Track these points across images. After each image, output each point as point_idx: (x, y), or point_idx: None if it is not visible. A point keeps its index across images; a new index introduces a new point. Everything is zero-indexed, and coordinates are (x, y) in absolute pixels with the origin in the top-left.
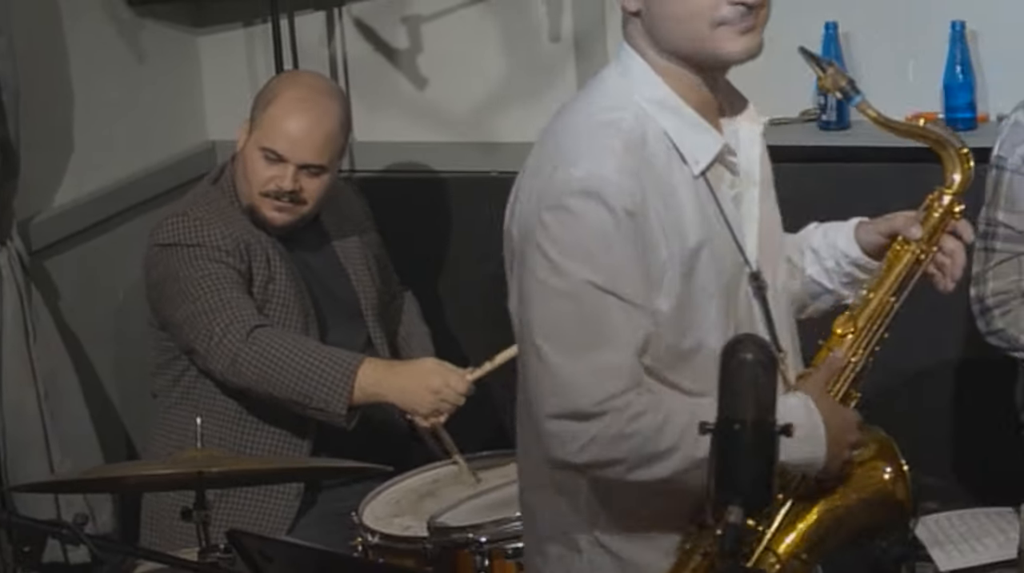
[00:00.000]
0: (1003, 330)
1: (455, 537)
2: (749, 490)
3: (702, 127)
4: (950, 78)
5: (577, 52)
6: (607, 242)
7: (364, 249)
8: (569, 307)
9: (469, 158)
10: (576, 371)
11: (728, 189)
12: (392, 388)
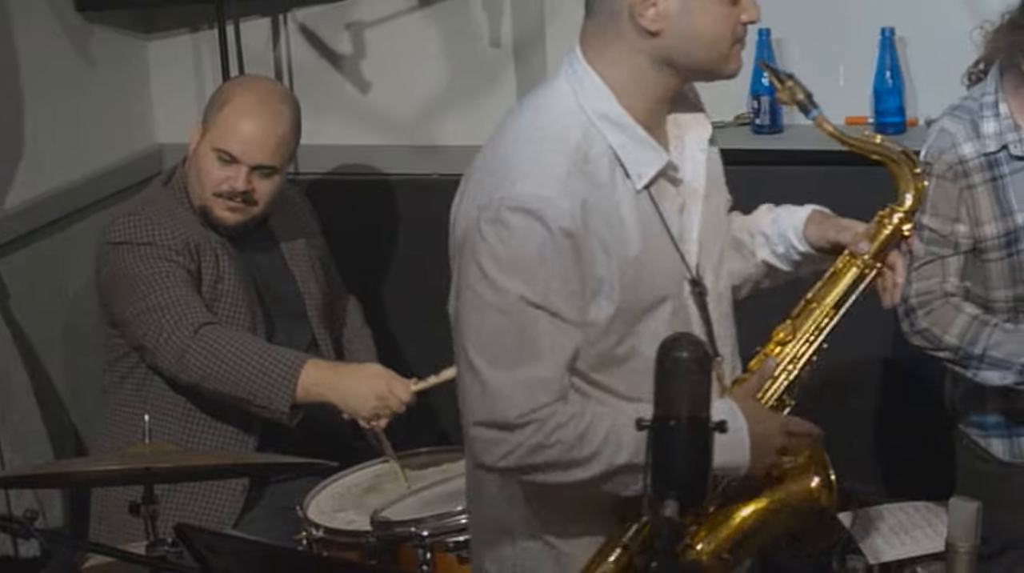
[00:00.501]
0: (927, 329)
1: (397, 531)
2: (685, 485)
3: (647, 143)
4: (880, 83)
5: (517, 57)
6: (542, 260)
7: (310, 252)
8: (501, 321)
9: (411, 161)
10: (504, 383)
11: (673, 200)
12: (335, 389)
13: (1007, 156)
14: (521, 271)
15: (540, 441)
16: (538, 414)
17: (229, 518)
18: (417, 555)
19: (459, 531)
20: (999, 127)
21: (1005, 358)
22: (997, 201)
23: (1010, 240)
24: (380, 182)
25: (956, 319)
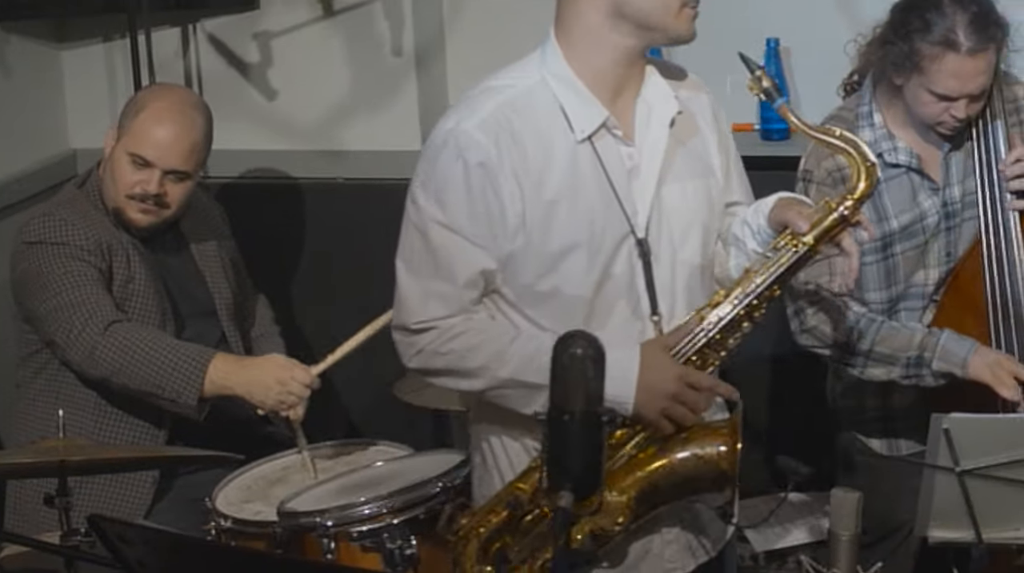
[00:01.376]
0: (816, 327)
1: (303, 521)
2: (579, 476)
3: (591, 101)
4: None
5: (418, 66)
6: (455, 186)
7: (220, 253)
8: (417, 236)
9: (317, 165)
10: (413, 291)
11: (621, 159)
12: (240, 381)
13: (882, 164)
14: (437, 194)
15: (435, 348)
16: (434, 324)
17: (140, 509)
18: (322, 544)
19: (362, 521)
20: (874, 136)
21: (891, 353)
22: (873, 207)
23: (885, 244)
24: (287, 186)
25: (844, 317)
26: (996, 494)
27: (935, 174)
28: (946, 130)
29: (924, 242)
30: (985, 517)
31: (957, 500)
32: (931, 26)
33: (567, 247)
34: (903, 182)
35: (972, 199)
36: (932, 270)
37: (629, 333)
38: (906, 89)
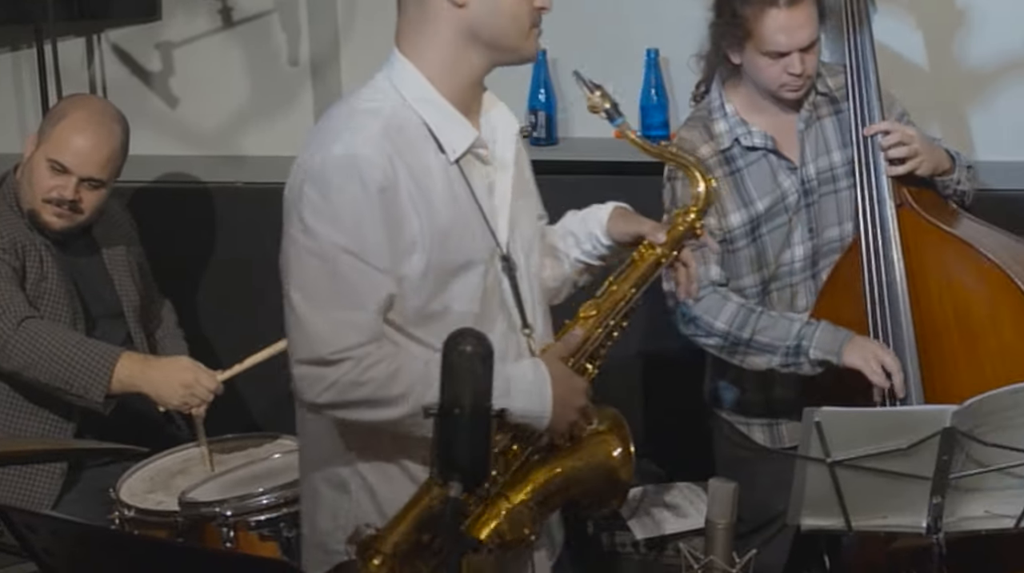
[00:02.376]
0: (698, 317)
1: (203, 511)
2: (468, 468)
3: (459, 120)
4: (646, 100)
5: (314, 75)
6: (358, 212)
7: (129, 258)
8: (319, 266)
9: (217, 170)
10: (320, 322)
11: (483, 178)
12: (146, 380)
13: (741, 150)
14: (337, 221)
15: (354, 378)
16: (351, 353)
17: (48, 499)
18: (221, 533)
19: (260, 511)
20: (729, 125)
21: (771, 342)
22: (738, 192)
23: (753, 226)
24: (188, 190)
25: (724, 307)
26: (865, 484)
27: (791, 154)
28: (790, 92)
29: (788, 221)
30: (854, 506)
31: (828, 490)
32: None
33: (457, 267)
34: (762, 165)
35: (828, 176)
36: (798, 247)
37: (509, 347)
38: (745, 64)
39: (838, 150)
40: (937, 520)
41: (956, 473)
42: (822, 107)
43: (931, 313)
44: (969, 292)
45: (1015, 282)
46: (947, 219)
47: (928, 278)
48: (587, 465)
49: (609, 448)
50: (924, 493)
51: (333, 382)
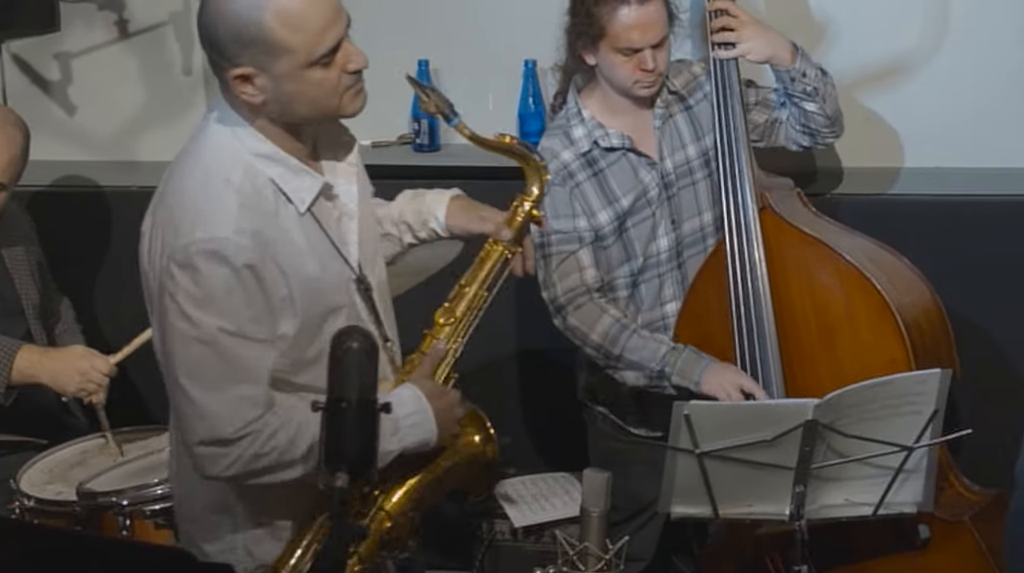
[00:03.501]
0: (576, 327)
1: (101, 501)
2: (354, 459)
3: (303, 171)
4: (524, 108)
5: (206, 84)
6: (230, 293)
7: (28, 257)
8: (204, 350)
9: (113, 175)
10: (215, 404)
11: (332, 214)
12: (44, 370)
13: (601, 151)
14: (214, 306)
15: (256, 451)
16: (251, 427)
17: None
18: (118, 522)
19: (155, 500)
20: (587, 129)
21: (639, 362)
22: (602, 192)
23: (620, 222)
24: (86, 193)
25: (600, 320)
26: (731, 473)
27: (650, 150)
28: (643, 88)
29: (652, 214)
30: (721, 494)
31: (697, 479)
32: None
33: (327, 312)
34: (623, 164)
35: (684, 169)
36: (662, 239)
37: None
38: (599, 63)
39: (692, 144)
40: (799, 508)
41: (817, 463)
42: (673, 105)
43: (792, 311)
44: (828, 291)
45: (871, 282)
46: (807, 222)
47: (789, 278)
48: (457, 460)
49: (472, 438)
50: (787, 482)
51: (237, 457)
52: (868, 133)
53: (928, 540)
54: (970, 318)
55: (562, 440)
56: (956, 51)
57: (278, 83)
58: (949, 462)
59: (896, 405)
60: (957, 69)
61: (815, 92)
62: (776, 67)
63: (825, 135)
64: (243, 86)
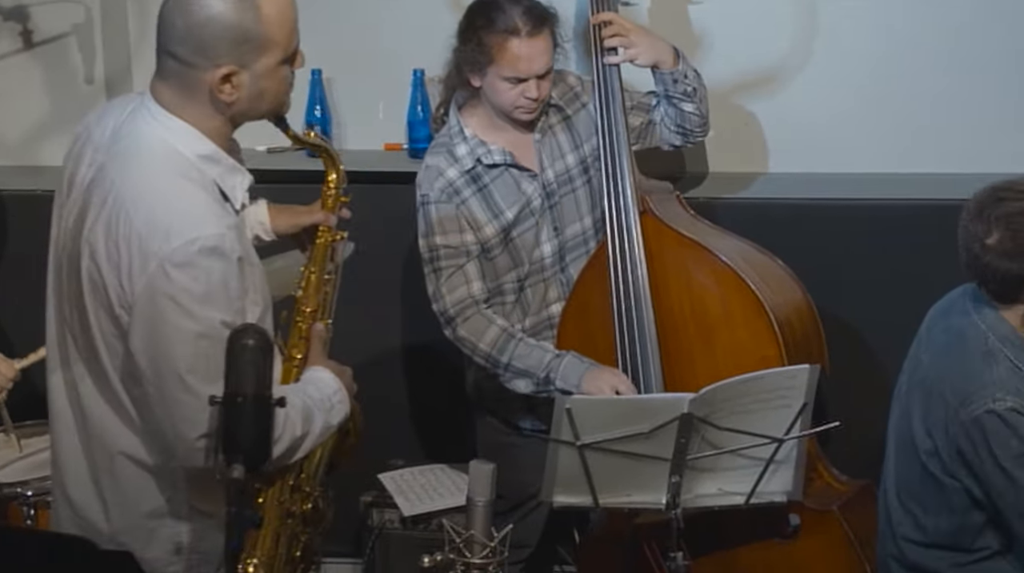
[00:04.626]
0: (465, 338)
1: (5, 492)
2: (250, 451)
3: (237, 169)
4: (412, 115)
5: (108, 92)
6: (227, 287)
7: None
8: (207, 344)
9: (17, 179)
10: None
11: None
12: None
13: (484, 168)
14: (215, 300)
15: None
16: None
17: None
18: (23, 512)
19: None
20: (469, 147)
21: (526, 369)
22: (488, 206)
23: (506, 233)
24: None
25: (488, 330)
26: (611, 464)
27: (531, 164)
28: (525, 114)
29: (535, 223)
30: (601, 484)
31: (578, 470)
32: (494, 20)
33: (266, 307)
34: (506, 178)
35: (565, 178)
36: (546, 245)
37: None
38: (484, 87)
39: (571, 153)
40: (675, 497)
41: (692, 455)
42: (552, 116)
43: (671, 310)
44: (705, 291)
45: (746, 283)
46: (685, 224)
47: (668, 278)
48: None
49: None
50: (663, 473)
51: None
52: (742, 138)
53: (798, 528)
54: (839, 316)
55: (450, 433)
56: (823, 60)
57: (256, 80)
58: (818, 454)
59: (767, 399)
60: (824, 78)
61: (694, 93)
62: (660, 70)
63: (697, 134)
64: (222, 85)
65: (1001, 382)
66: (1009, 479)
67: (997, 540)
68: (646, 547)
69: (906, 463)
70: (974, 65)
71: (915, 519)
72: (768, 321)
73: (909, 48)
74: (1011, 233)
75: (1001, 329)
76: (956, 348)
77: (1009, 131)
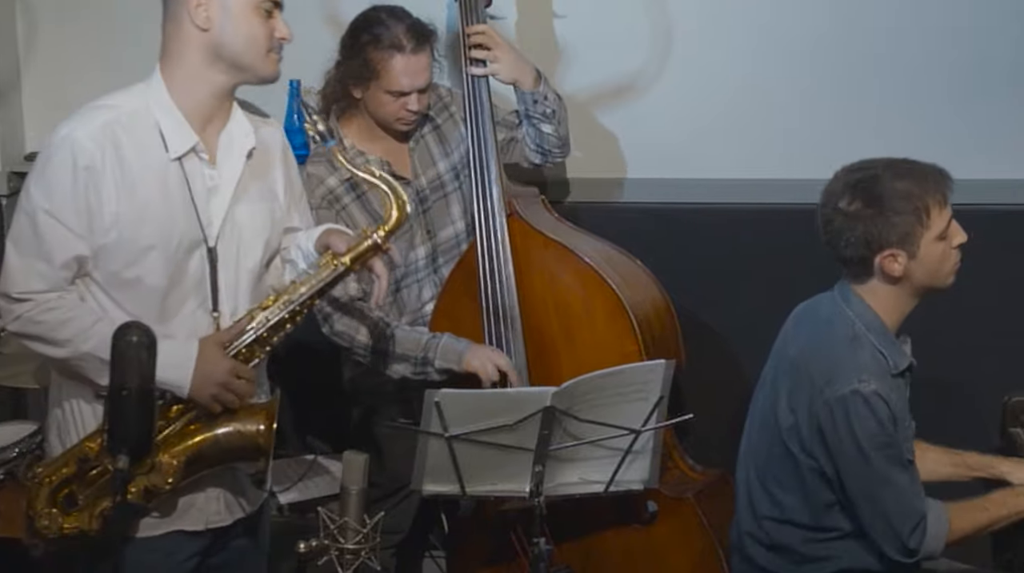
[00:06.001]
0: (343, 332)
1: None
2: (134, 442)
3: (185, 127)
4: (289, 124)
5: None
6: (63, 182)
7: None
8: (26, 220)
9: None
10: (17, 266)
11: (204, 180)
12: None
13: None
14: (47, 187)
15: (32, 317)
16: (34, 296)
17: None
18: None
19: None
20: (348, 156)
21: (404, 353)
22: (367, 212)
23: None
24: None
25: (364, 322)
26: (477, 455)
27: (405, 171)
28: (404, 126)
29: (410, 227)
30: (468, 474)
31: (446, 460)
32: (379, 37)
33: (149, 246)
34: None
35: (436, 184)
36: (420, 248)
37: (195, 325)
38: (366, 99)
39: (442, 161)
40: (539, 485)
41: (555, 445)
42: (424, 126)
43: (536, 307)
44: (568, 290)
45: (608, 282)
46: (550, 227)
47: (534, 277)
48: (235, 432)
49: (257, 420)
50: (527, 463)
51: (18, 316)
52: (603, 146)
53: (656, 514)
54: (696, 314)
55: (327, 425)
56: (678, 73)
57: (227, 12)
58: (675, 444)
59: (626, 392)
60: (679, 89)
61: (553, 115)
62: (520, 89)
63: (555, 155)
64: (197, 9)
65: (866, 366)
66: (864, 458)
67: (848, 522)
68: (512, 533)
69: (767, 443)
70: (820, 78)
71: (772, 497)
72: (628, 319)
73: (759, 62)
74: (861, 195)
75: (867, 317)
76: (824, 334)
77: (856, 137)
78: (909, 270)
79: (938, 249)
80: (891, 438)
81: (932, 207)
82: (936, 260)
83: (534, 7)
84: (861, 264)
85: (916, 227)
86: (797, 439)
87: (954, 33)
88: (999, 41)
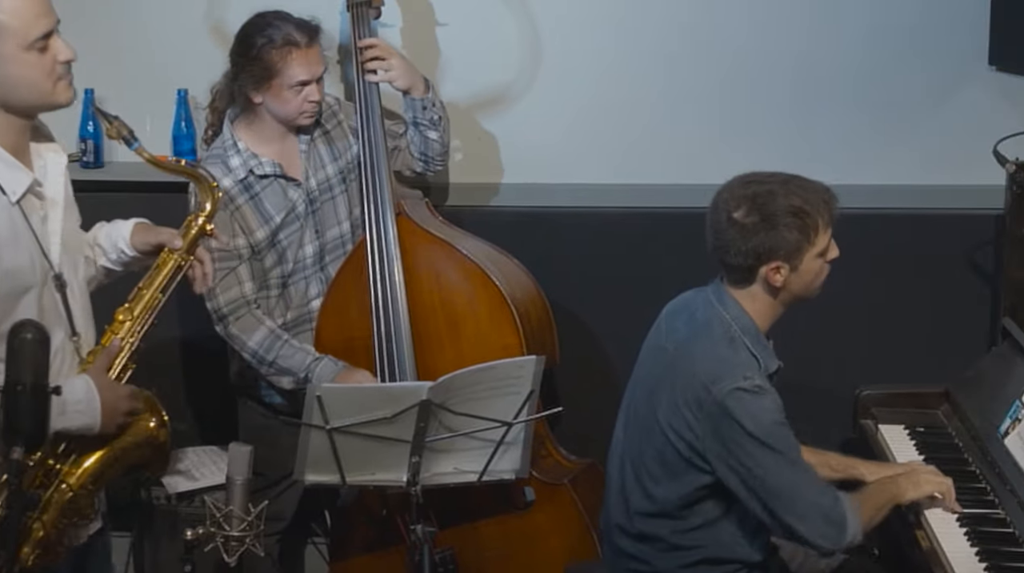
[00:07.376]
0: (236, 335)
1: None
2: (28, 434)
3: (16, 166)
4: (177, 130)
5: None
6: None
7: None
8: None
9: None
10: None
11: (38, 212)
12: None
13: (255, 178)
14: None
15: None
16: None
17: None
18: None
19: None
20: (242, 159)
21: (289, 368)
22: (259, 212)
23: (274, 236)
24: None
25: (257, 330)
26: (357, 446)
27: (296, 174)
28: (308, 118)
29: (300, 226)
30: (349, 464)
31: (327, 451)
32: (273, 38)
33: (20, 293)
34: (275, 187)
35: (326, 186)
36: (308, 246)
37: (65, 354)
38: (267, 101)
39: (331, 164)
40: (415, 475)
41: (431, 437)
42: (315, 131)
43: (422, 303)
44: (453, 285)
45: (491, 278)
46: (436, 227)
47: (420, 274)
48: (133, 441)
49: (148, 423)
50: (405, 453)
51: None
52: (479, 152)
53: (533, 501)
54: (568, 312)
55: (215, 417)
56: (547, 83)
57: (3, 63)
58: (548, 435)
59: (498, 387)
60: (548, 98)
61: (439, 122)
62: (411, 95)
63: (437, 163)
64: None
65: (747, 364)
66: (769, 448)
67: (718, 508)
68: (395, 520)
69: (644, 439)
70: (682, 86)
71: (645, 490)
72: (510, 313)
73: (623, 72)
74: (756, 209)
75: (743, 320)
76: (704, 335)
77: (715, 145)
78: (788, 282)
79: (816, 264)
80: (786, 424)
81: (820, 226)
82: (813, 274)
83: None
84: (746, 271)
85: (803, 243)
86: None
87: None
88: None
